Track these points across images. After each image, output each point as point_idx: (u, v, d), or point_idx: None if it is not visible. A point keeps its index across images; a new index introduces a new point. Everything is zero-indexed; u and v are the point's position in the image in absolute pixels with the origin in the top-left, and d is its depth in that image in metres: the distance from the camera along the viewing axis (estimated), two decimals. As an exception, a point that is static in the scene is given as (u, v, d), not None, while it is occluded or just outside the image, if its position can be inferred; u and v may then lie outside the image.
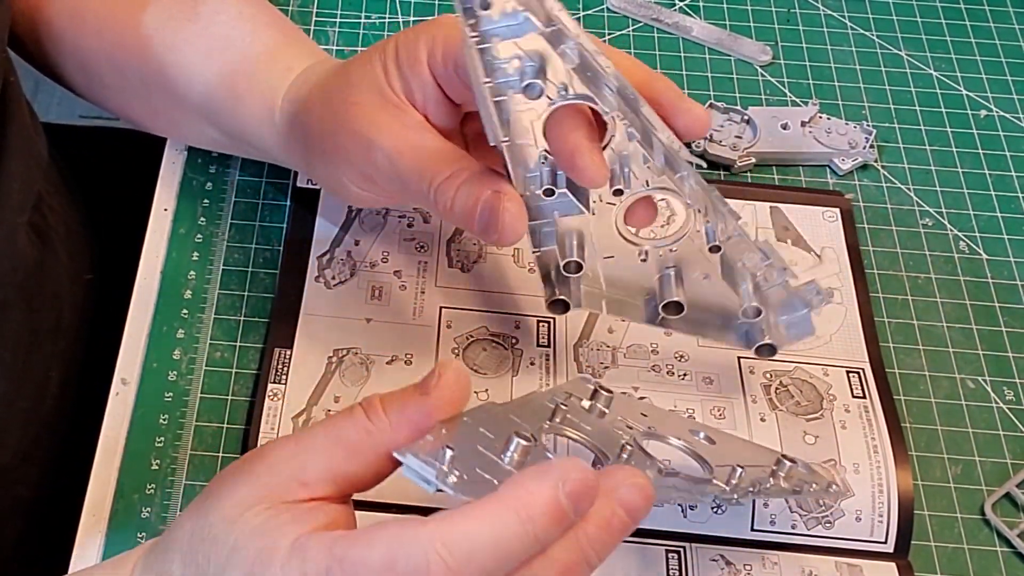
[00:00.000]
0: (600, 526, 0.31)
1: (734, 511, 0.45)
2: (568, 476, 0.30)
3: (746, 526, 0.45)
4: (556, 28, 0.37)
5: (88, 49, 0.50)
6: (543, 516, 0.29)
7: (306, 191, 0.53)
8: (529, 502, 0.29)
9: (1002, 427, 0.50)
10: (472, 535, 0.29)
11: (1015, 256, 0.55)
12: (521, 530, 0.29)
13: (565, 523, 0.30)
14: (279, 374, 0.48)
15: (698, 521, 0.45)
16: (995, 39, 0.63)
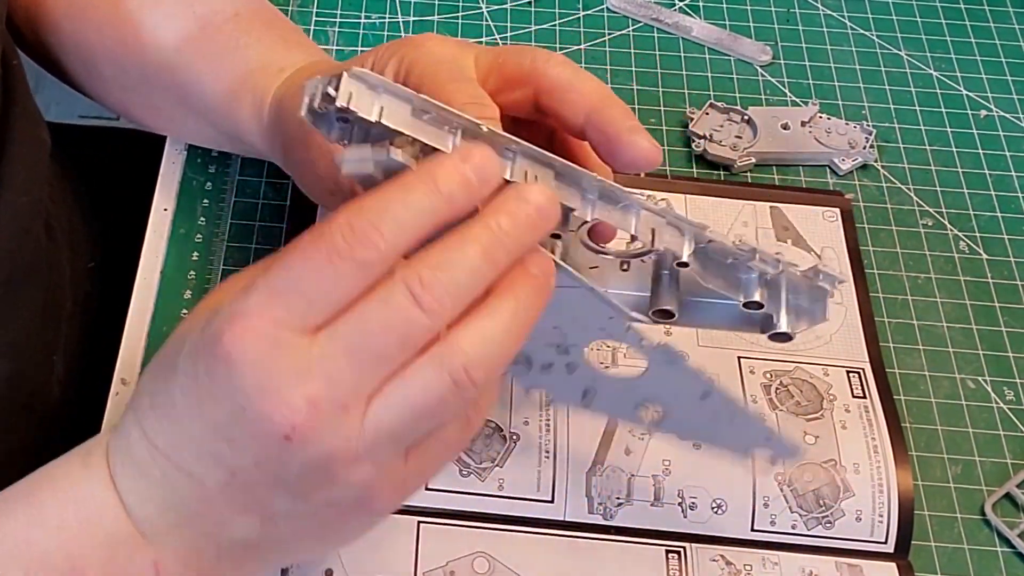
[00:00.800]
0: (508, 213, 0.31)
1: (734, 511, 0.45)
2: (470, 152, 0.30)
3: (746, 526, 0.45)
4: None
5: (89, 43, 0.50)
6: (447, 177, 0.30)
7: (306, 191, 0.54)
8: (431, 168, 0.30)
9: (1002, 427, 0.50)
10: (381, 199, 0.29)
11: (1015, 256, 0.55)
12: (427, 189, 0.30)
13: (470, 189, 0.30)
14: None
15: (698, 521, 0.45)
16: (995, 39, 0.63)
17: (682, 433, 0.45)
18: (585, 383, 0.43)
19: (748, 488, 0.45)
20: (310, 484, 0.31)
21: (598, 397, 0.43)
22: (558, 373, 0.43)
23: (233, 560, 0.34)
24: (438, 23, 0.62)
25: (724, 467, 0.46)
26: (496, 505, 0.45)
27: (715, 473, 0.46)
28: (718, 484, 0.46)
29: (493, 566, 0.44)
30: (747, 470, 0.46)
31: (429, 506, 0.45)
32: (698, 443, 0.46)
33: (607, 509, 0.45)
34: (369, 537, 0.44)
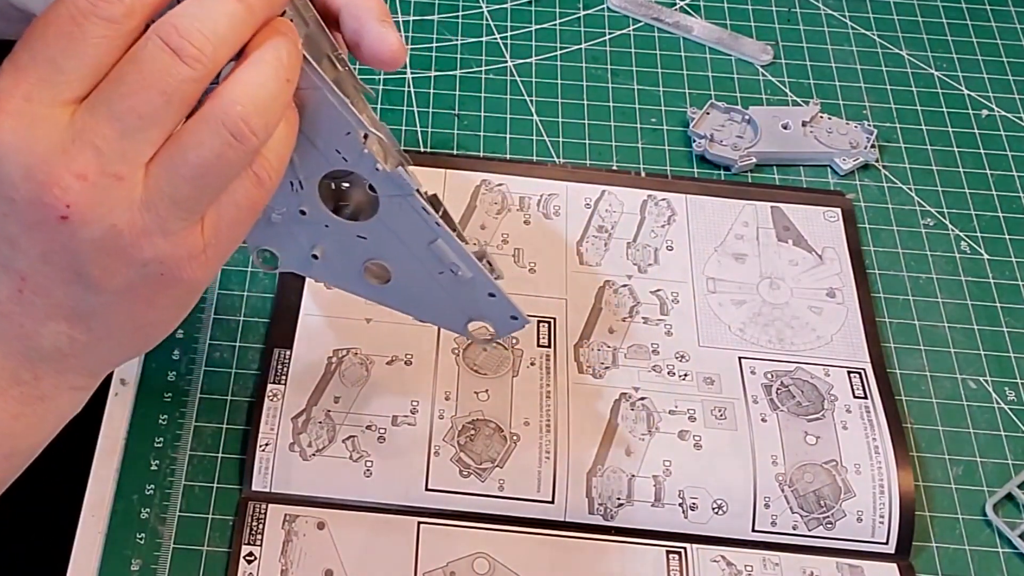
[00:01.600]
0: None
1: (735, 512, 0.45)
2: None
3: (747, 527, 0.45)
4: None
5: None
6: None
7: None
8: None
9: (1003, 427, 0.49)
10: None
11: (1016, 256, 0.55)
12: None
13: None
14: (279, 374, 0.47)
15: (699, 522, 0.45)
16: (996, 39, 0.63)
17: (406, 294, 0.41)
18: (314, 237, 0.39)
19: (749, 489, 0.45)
20: (104, 268, 0.30)
21: (326, 258, 0.39)
22: (288, 224, 0.39)
23: (54, 371, 0.32)
24: (438, 22, 0.62)
25: (725, 468, 0.46)
26: (496, 505, 0.45)
27: (716, 474, 0.46)
28: (719, 485, 0.46)
29: (493, 566, 0.44)
30: (747, 470, 0.46)
31: (429, 506, 0.45)
32: (698, 441, 0.46)
33: (607, 509, 0.45)
34: (369, 537, 0.44)
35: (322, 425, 0.46)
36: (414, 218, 0.38)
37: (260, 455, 0.45)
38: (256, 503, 0.45)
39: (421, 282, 0.40)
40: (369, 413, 0.47)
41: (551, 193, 0.54)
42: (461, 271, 0.39)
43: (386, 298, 0.41)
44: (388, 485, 0.45)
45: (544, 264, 0.52)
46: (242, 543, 0.44)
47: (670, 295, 0.51)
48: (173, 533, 0.45)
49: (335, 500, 0.45)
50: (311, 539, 0.44)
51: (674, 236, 0.53)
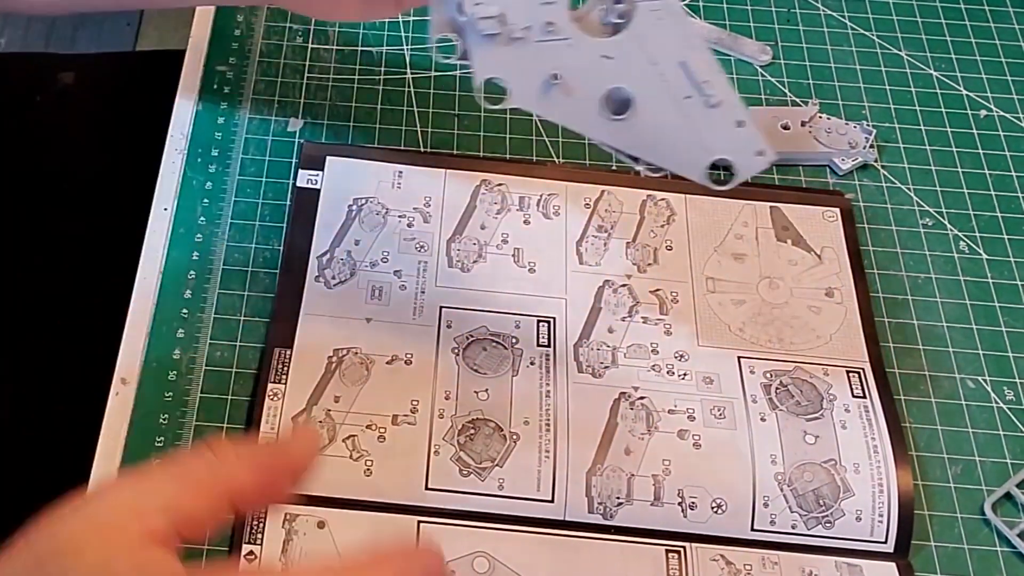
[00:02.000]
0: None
1: (734, 511, 0.45)
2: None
3: (746, 526, 0.45)
4: None
5: None
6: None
7: (306, 191, 0.54)
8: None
9: (1002, 427, 0.50)
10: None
11: (1015, 256, 0.55)
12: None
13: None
14: (279, 374, 0.48)
15: (698, 521, 0.45)
16: (995, 39, 0.63)
17: (645, 129, 0.38)
18: (554, 59, 0.37)
19: (748, 487, 0.46)
20: None
21: (565, 84, 0.37)
22: (527, 43, 0.37)
23: None
24: (438, 23, 0.62)
25: (724, 467, 0.46)
26: (496, 505, 0.45)
27: (715, 473, 0.46)
28: (718, 484, 0.46)
29: (493, 566, 0.44)
30: (747, 470, 0.46)
31: (429, 505, 0.45)
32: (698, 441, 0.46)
33: (607, 509, 0.45)
34: (369, 537, 0.44)
35: (322, 424, 0.46)
36: (670, 28, 0.36)
37: (260, 454, 0.46)
38: (256, 502, 0.45)
39: (664, 112, 0.37)
40: (369, 412, 0.47)
41: (551, 193, 0.54)
42: (713, 93, 0.37)
43: (621, 136, 0.38)
44: (388, 484, 0.45)
45: (544, 264, 0.52)
46: (243, 542, 0.44)
47: (669, 295, 0.51)
48: (174, 532, 0.45)
49: (335, 499, 0.45)
50: (311, 538, 0.44)
51: (673, 236, 0.53)
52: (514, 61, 0.37)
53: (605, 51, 0.37)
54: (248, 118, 0.57)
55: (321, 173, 0.54)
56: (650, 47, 0.37)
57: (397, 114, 0.57)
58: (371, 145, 0.56)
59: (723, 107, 0.37)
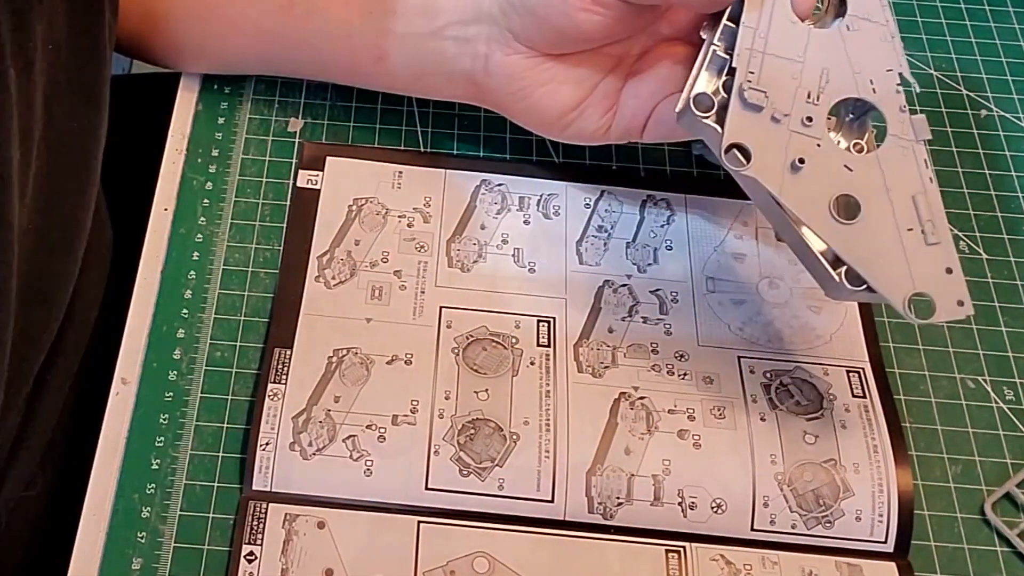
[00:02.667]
0: None
1: (734, 511, 0.45)
2: None
3: (746, 526, 0.45)
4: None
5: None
6: None
7: (306, 191, 0.54)
8: None
9: (1002, 427, 0.50)
10: None
11: (1015, 256, 0.55)
12: None
13: None
14: (279, 374, 0.48)
15: (698, 521, 0.45)
16: (995, 39, 0.63)
17: (863, 242, 0.40)
18: (802, 151, 0.40)
19: (748, 488, 0.46)
20: None
21: (805, 174, 0.39)
22: (784, 128, 0.40)
23: None
24: (438, 23, 0.62)
25: (724, 467, 0.46)
26: (496, 505, 0.45)
27: (715, 473, 0.46)
28: (718, 484, 0.46)
29: (493, 566, 0.44)
30: (746, 470, 0.46)
31: (429, 506, 0.45)
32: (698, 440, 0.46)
33: (607, 509, 0.45)
34: (369, 537, 0.44)
35: (322, 424, 0.46)
36: (911, 166, 0.39)
37: (260, 455, 0.46)
38: (256, 502, 0.45)
39: (885, 233, 0.39)
40: (369, 412, 0.47)
41: (551, 193, 0.54)
42: (934, 233, 0.39)
43: (839, 239, 0.40)
44: (388, 484, 0.45)
45: (544, 264, 0.52)
46: (243, 542, 0.44)
47: (669, 295, 0.51)
48: (174, 532, 0.45)
49: (335, 500, 0.45)
50: (311, 538, 0.44)
51: (673, 236, 0.53)
52: (765, 135, 0.40)
53: (849, 161, 0.39)
54: (248, 118, 0.57)
55: (321, 173, 0.54)
56: (889, 174, 0.39)
57: (397, 114, 0.57)
58: (371, 145, 0.56)
59: (939, 248, 0.39)
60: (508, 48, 0.47)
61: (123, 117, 0.56)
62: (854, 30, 0.40)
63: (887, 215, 0.39)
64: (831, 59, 0.41)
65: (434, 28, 0.48)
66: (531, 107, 0.49)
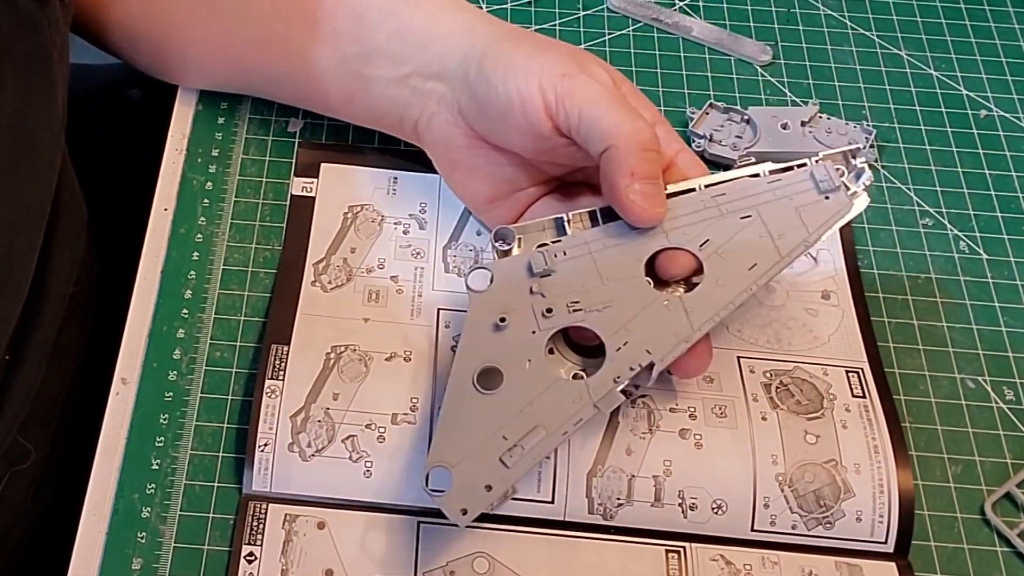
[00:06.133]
0: None
1: (734, 512, 0.45)
2: None
3: (746, 526, 0.45)
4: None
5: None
6: None
7: (303, 199, 0.53)
8: None
9: (1002, 427, 0.50)
10: None
11: (1015, 256, 0.55)
12: None
13: None
14: (276, 370, 0.48)
15: (698, 521, 0.45)
16: (995, 39, 0.63)
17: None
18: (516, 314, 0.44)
19: (748, 488, 0.46)
20: None
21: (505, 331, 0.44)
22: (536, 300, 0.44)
23: None
24: (438, 23, 0.62)
25: (724, 467, 0.46)
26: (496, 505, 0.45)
27: (715, 473, 0.46)
28: (718, 484, 0.46)
29: (493, 566, 0.44)
30: (747, 470, 0.46)
31: (429, 506, 0.45)
32: (699, 440, 0.46)
33: (607, 509, 0.45)
34: (369, 537, 0.44)
35: (321, 424, 0.46)
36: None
37: (260, 455, 0.46)
38: (256, 503, 0.45)
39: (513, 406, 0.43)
40: (368, 411, 0.47)
41: (550, 193, 0.54)
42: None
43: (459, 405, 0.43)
44: (388, 485, 0.45)
45: (544, 264, 0.52)
46: (243, 543, 0.44)
47: (669, 295, 0.51)
48: (174, 532, 0.45)
49: (335, 500, 0.45)
50: (311, 539, 0.44)
51: (673, 236, 0.53)
52: (515, 288, 0.44)
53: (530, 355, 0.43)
54: (248, 118, 0.57)
55: (316, 180, 0.54)
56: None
57: (397, 114, 0.57)
58: (368, 146, 0.56)
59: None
60: (451, 117, 0.48)
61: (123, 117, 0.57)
62: (672, 305, 0.44)
63: (506, 408, 0.42)
64: (624, 303, 0.44)
65: (400, 75, 0.49)
66: (453, 179, 0.51)
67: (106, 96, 0.71)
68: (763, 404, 0.48)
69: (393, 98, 0.49)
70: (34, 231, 0.46)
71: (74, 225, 0.50)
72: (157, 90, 0.58)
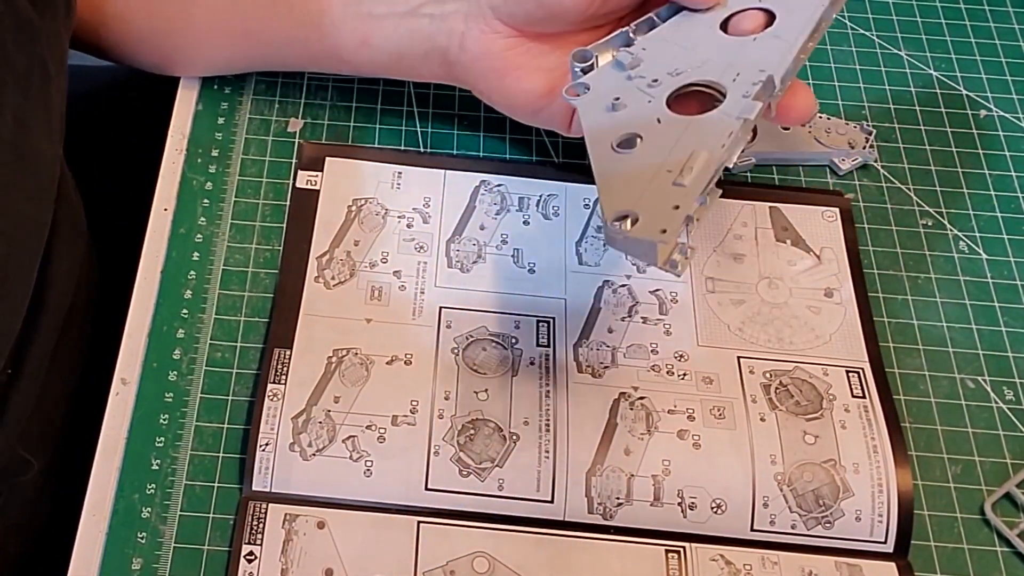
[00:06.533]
0: None
1: (734, 511, 0.45)
2: None
3: (745, 526, 0.45)
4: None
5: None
6: None
7: (305, 191, 0.54)
8: None
9: (1002, 427, 0.50)
10: None
11: (1015, 256, 0.55)
12: None
13: None
14: (279, 374, 0.48)
15: (698, 521, 0.45)
16: (995, 39, 0.63)
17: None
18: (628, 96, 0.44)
19: (747, 488, 0.46)
20: None
21: (622, 111, 0.43)
22: (635, 82, 0.45)
23: None
24: (438, 23, 0.62)
25: (723, 467, 0.46)
26: (496, 505, 0.45)
27: (714, 473, 0.46)
28: (717, 484, 0.46)
29: (493, 566, 0.44)
30: (746, 470, 0.46)
31: (429, 506, 0.45)
32: (697, 441, 0.46)
33: (607, 509, 0.45)
34: (369, 537, 0.45)
35: (322, 425, 0.46)
36: (717, 136, 0.41)
37: (260, 455, 0.46)
38: (256, 503, 0.45)
39: (643, 166, 0.41)
40: (369, 413, 0.47)
41: (551, 193, 0.54)
42: (686, 179, 0.40)
43: (603, 163, 0.42)
44: (388, 485, 0.46)
45: (543, 264, 0.52)
46: (242, 542, 0.44)
47: (669, 295, 0.51)
48: (174, 532, 0.45)
49: (335, 500, 0.45)
50: (311, 538, 0.45)
51: (673, 236, 0.53)
52: (614, 83, 0.44)
53: (661, 115, 0.42)
54: (248, 118, 0.57)
55: (320, 174, 0.54)
56: (690, 134, 0.41)
57: (397, 114, 0.57)
58: (371, 145, 0.56)
59: (679, 191, 0.40)
60: (485, 25, 0.47)
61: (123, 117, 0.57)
62: (760, 39, 0.44)
63: (656, 154, 0.41)
64: (717, 54, 0.44)
65: (411, 7, 0.48)
66: (503, 88, 0.49)
67: (105, 96, 0.71)
68: (762, 405, 0.48)
69: (412, 32, 0.49)
70: (34, 244, 0.46)
71: (73, 237, 0.50)
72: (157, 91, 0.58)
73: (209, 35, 0.53)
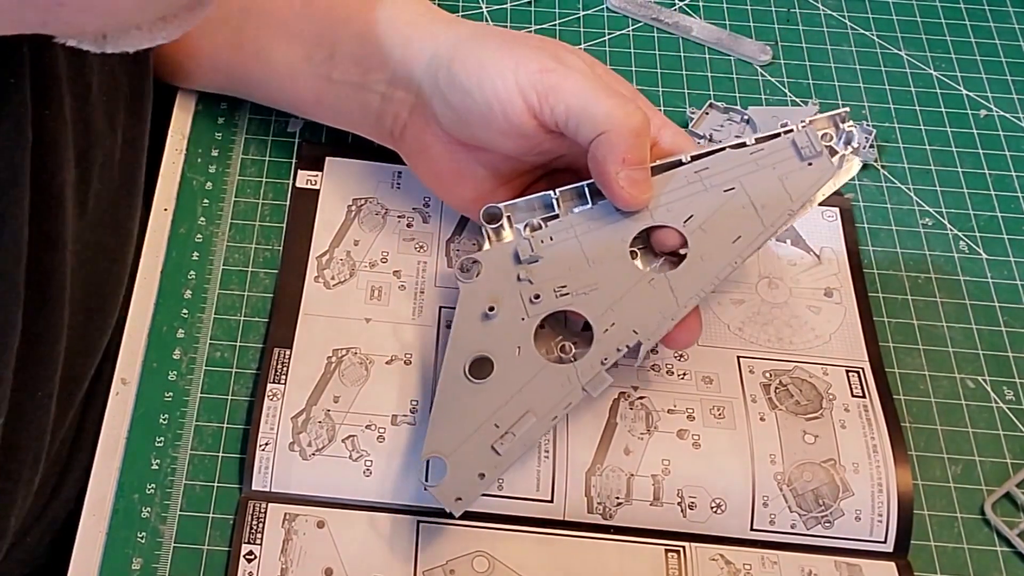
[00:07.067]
0: None
1: (733, 511, 0.45)
2: None
3: (745, 525, 0.45)
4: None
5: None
6: None
7: (306, 191, 0.54)
8: None
9: (1002, 427, 0.50)
10: None
11: (1015, 256, 0.55)
12: None
13: None
14: (278, 374, 0.48)
15: (697, 521, 0.45)
16: (995, 39, 0.63)
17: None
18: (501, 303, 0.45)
19: (747, 487, 0.46)
20: None
21: (494, 320, 0.44)
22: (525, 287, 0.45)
23: None
24: (438, 23, 0.62)
25: (723, 467, 0.46)
26: (495, 504, 0.45)
27: (714, 473, 0.46)
28: (717, 483, 0.46)
29: (493, 565, 0.44)
30: (746, 470, 0.46)
31: (429, 506, 0.45)
32: (697, 440, 0.46)
33: (606, 508, 0.45)
34: (369, 536, 0.44)
35: (322, 425, 0.46)
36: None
37: (260, 455, 0.46)
38: (256, 502, 0.45)
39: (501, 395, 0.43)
40: (369, 412, 0.47)
41: (550, 193, 0.54)
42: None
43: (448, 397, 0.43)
44: (388, 484, 0.45)
45: (543, 264, 0.52)
46: (242, 542, 0.44)
47: (669, 295, 0.51)
48: (174, 532, 0.45)
49: (335, 499, 0.45)
50: (311, 538, 0.45)
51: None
52: (504, 275, 0.45)
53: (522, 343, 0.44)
54: (248, 118, 0.57)
55: (320, 173, 0.54)
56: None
57: (397, 114, 0.57)
58: (371, 145, 0.56)
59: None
60: (426, 125, 0.48)
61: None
62: (657, 282, 0.44)
63: (496, 397, 0.42)
64: (610, 283, 0.44)
65: (365, 81, 0.48)
66: (437, 185, 0.50)
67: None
68: (761, 405, 0.48)
69: (362, 104, 0.49)
70: (129, 259, 0.46)
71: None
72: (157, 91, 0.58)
73: (194, 65, 0.54)
